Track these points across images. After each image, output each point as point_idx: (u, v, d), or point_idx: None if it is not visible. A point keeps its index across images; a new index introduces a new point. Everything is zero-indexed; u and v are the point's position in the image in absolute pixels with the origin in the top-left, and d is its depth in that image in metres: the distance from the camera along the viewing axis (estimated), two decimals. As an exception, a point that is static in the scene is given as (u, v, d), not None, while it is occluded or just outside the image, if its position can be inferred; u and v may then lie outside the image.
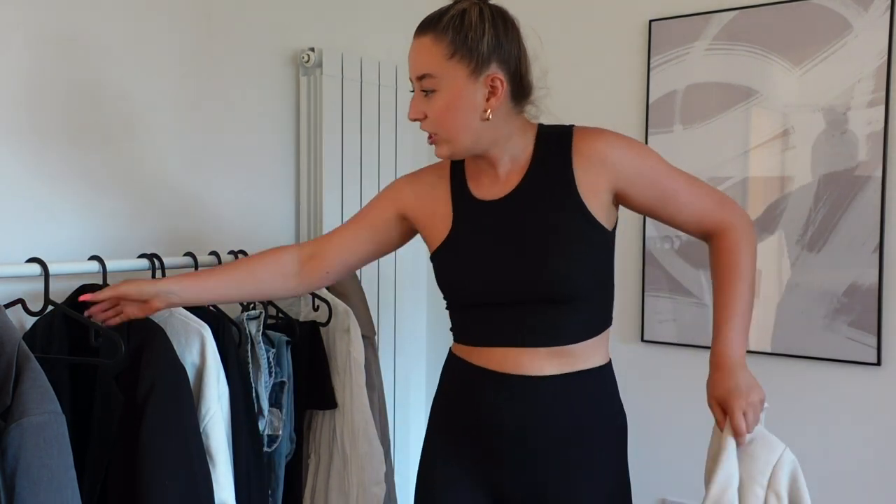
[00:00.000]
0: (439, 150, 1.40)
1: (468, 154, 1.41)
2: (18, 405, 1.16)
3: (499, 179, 1.43)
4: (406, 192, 1.54)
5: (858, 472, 2.04)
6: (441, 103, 1.35)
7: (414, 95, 1.40)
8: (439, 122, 1.36)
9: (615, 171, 1.38)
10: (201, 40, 1.95)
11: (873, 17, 1.97)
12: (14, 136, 1.59)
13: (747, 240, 1.40)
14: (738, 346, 1.41)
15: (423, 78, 1.36)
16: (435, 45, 1.34)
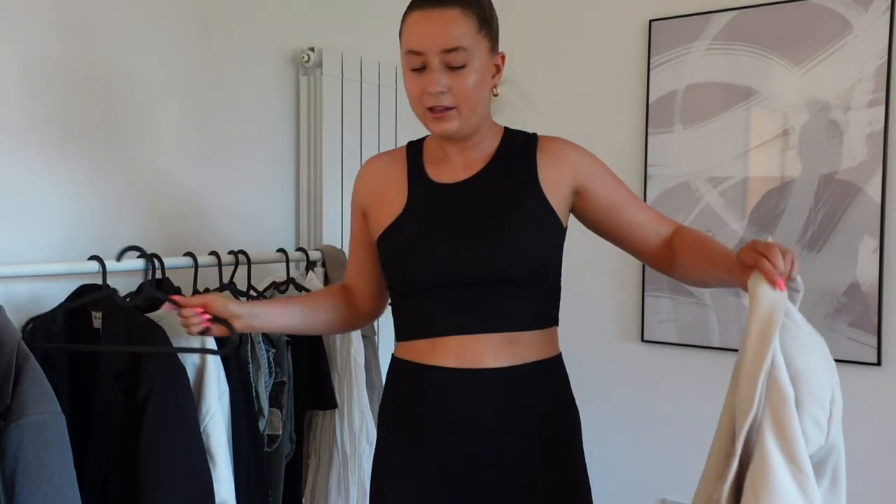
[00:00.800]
0: (449, 124, 1.37)
1: (471, 130, 1.41)
2: (18, 405, 1.16)
3: (462, 165, 1.45)
4: (360, 189, 1.54)
5: (858, 472, 2.04)
6: (471, 77, 1.34)
7: (430, 69, 1.34)
8: (465, 96, 1.35)
9: (578, 169, 1.43)
10: (201, 40, 1.95)
11: (873, 17, 1.97)
12: (13, 136, 1.59)
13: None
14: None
15: (454, 51, 1.32)
16: (465, 18, 1.33)
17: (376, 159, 1.57)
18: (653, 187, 2.28)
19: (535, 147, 1.45)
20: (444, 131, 1.38)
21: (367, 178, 1.53)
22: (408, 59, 1.36)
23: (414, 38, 1.34)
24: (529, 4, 2.52)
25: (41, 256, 1.62)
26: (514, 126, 1.51)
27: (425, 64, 1.34)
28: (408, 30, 1.36)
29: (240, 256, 1.81)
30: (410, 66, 1.36)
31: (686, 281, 1.48)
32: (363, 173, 1.55)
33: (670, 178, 2.25)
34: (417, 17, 1.34)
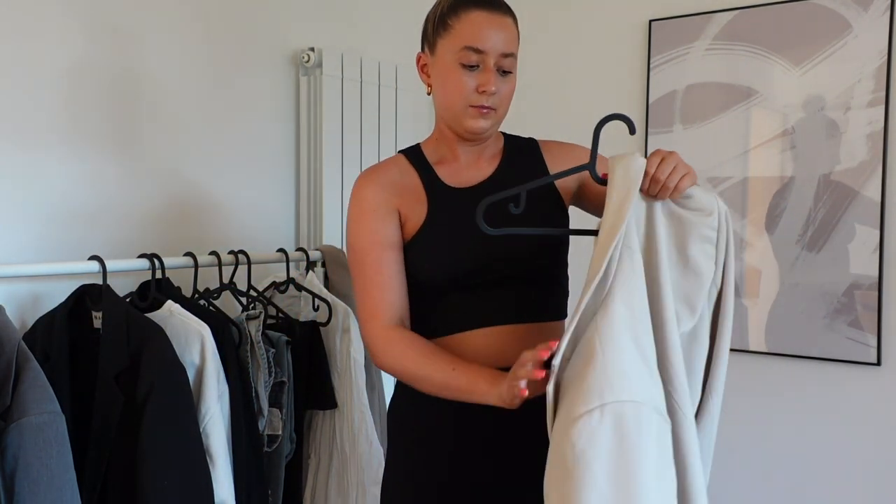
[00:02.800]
0: (484, 122, 1.40)
1: (491, 133, 1.47)
2: (18, 405, 1.16)
3: (472, 166, 1.47)
4: (386, 194, 1.45)
5: (858, 471, 2.04)
6: (513, 84, 1.42)
7: (488, 69, 1.36)
8: (505, 101, 1.42)
9: (580, 161, 1.41)
10: (201, 40, 1.95)
11: (873, 17, 1.97)
12: (11, 135, 1.59)
13: None
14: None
15: (509, 56, 1.39)
16: (515, 28, 1.42)
17: (385, 168, 1.50)
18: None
19: (539, 148, 1.51)
20: (480, 127, 1.41)
21: (388, 181, 1.46)
22: (463, 54, 1.36)
23: (477, 36, 1.36)
24: (530, 4, 2.52)
25: (41, 256, 1.62)
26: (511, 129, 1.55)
27: (481, 63, 1.37)
28: (469, 26, 1.37)
29: (240, 256, 1.81)
30: (465, 62, 1.37)
31: None
32: (380, 177, 1.47)
33: (670, 178, 2.25)
34: (482, 16, 1.37)
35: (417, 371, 1.35)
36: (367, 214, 1.43)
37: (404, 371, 1.37)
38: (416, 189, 1.45)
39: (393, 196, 1.44)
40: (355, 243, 1.44)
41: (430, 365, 1.34)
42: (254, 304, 1.82)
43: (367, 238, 1.43)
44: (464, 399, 1.30)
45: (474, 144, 1.47)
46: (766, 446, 2.15)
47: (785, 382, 2.12)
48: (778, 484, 2.14)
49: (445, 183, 1.46)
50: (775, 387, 2.14)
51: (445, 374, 1.32)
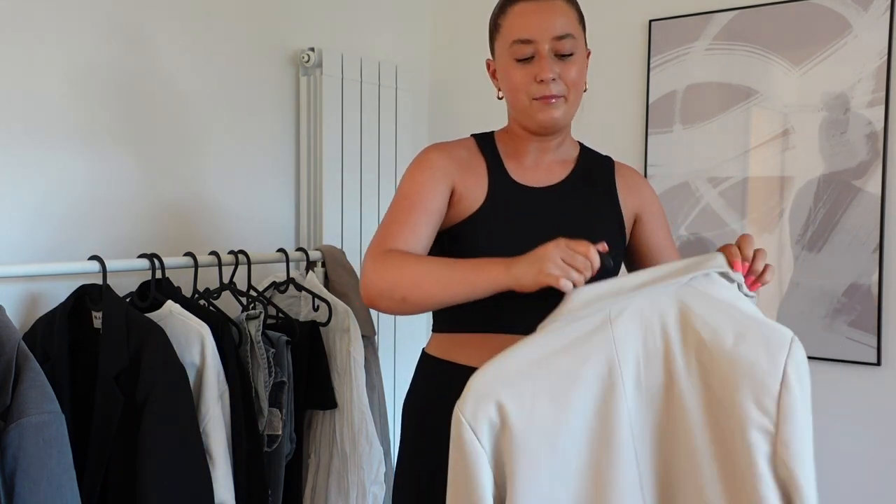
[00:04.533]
0: (555, 111, 1.35)
1: (566, 124, 1.42)
2: (18, 405, 1.16)
3: (542, 166, 1.44)
4: (450, 165, 1.42)
5: (858, 472, 2.04)
6: (576, 66, 1.37)
7: (542, 56, 1.33)
8: (574, 85, 1.37)
9: (645, 202, 1.50)
10: (201, 40, 1.95)
11: (873, 17, 1.97)
12: (12, 135, 1.59)
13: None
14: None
15: (565, 38, 1.34)
16: (570, 9, 1.38)
17: (452, 147, 1.46)
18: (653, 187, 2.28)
19: (613, 169, 1.51)
20: (551, 118, 1.36)
21: (455, 157, 1.43)
22: (515, 49, 1.35)
23: (523, 27, 1.34)
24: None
25: (41, 257, 1.62)
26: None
27: (534, 53, 1.34)
28: (514, 19, 1.36)
29: (240, 256, 1.81)
30: (518, 56, 1.35)
31: None
32: (449, 149, 1.44)
33: (670, 178, 2.25)
34: (524, 7, 1.36)
35: (418, 267, 1.27)
36: (424, 171, 1.41)
37: (402, 274, 1.27)
38: (479, 173, 1.42)
39: (455, 170, 1.41)
40: (400, 188, 1.41)
41: (430, 261, 1.29)
42: (254, 304, 1.83)
43: (411, 187, 1.39)
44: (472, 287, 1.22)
45: (546, 140, 1.42)
46: (766, 446, 2.15)
47: (785, 382, 2.12)
48: (778, 484, 2.14)
49: (511, 176, 1.43)
50: (775, 387, 2.14)
51: (448, 264, 1.27)
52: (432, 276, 1.26)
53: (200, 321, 1.56)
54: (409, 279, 1.26)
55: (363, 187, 2.32)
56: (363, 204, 2.33)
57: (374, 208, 2.37)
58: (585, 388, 1.06)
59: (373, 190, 2.36)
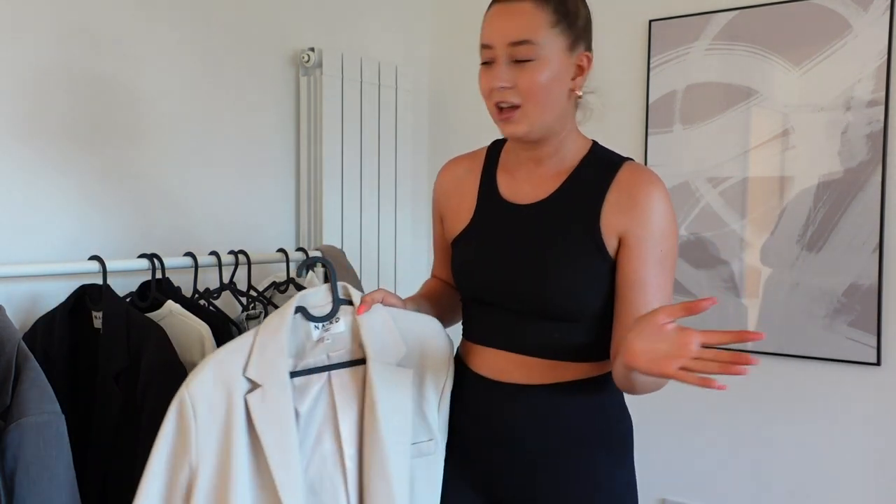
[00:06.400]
0: (515, 127, 1.30)
1: (540, 134, 1.32)
2: (18, 405, 1.16)
3: (533, 179, 1.38)
4: (436, 195, 1.53)
5: (858, 472, 2.04)
6: (538, 74, 1.27)
7: (497, 63, 1.28)
8: (531, 94, 1.27)
9: (632, 222, 1.29)
10: (201, 40, 1.95)
11: (873, 17, 1.97)
12: (13, 134, 1.59)
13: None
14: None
15: (521, 44, 1.26)
16: (538, 11, 1.27)
17: (455, 164, 1.51)
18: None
19: (613, 177, 1.32)
20: (513, 134, 1.31)
21: (444, 185, 1.51)
22: (482, 53, 1.31)
23: (485, 31, 1.30)
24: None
25: (41, 257, 1.62)
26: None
27: (494, 58, 1.29)
28: (484, 23, 1.32)
29: (240, 256, 1.81)
30: (483, 60, 1.31)
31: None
32: (440, 178, 1.52)
33: (670, 178, 2.25)
34: (493, 10, 1.31)
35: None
36: (432, 208, 1.57)
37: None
38: (470, 191, 1.45)
39: (442, 197, 1.52)
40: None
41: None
42: (254, 304, 1.82)
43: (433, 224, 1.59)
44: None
45: (534, 150, 1.36)
46: (765, 446, 2.15)
47: (785, 382, 2.12)
48: (778, 484, 2.14)
49: (500, 192, 1.41)
50: (775, 387, 2.14)
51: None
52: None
53: (200, 321, 1.56)
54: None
55: (363, 187, 2.32)
56: (363, 204, 2.33)
57: (374, 208, 2.37)
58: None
59: (373, 190, 2.36)
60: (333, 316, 1.33)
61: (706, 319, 2.20)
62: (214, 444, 1.22)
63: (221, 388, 1.23)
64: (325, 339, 1.32)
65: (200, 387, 1.22)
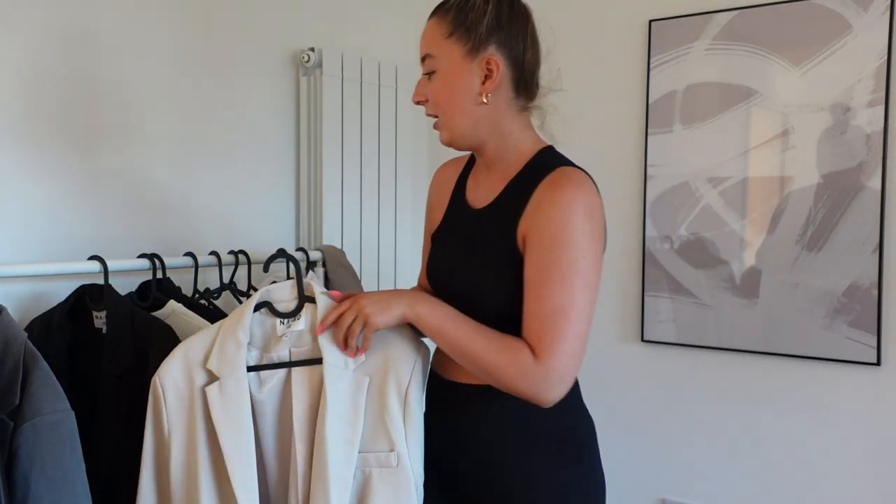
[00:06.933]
0: (440, 135, 1.38)
1: (467, 142, 1.37)
2: (30, 405, 1.16)
3: (487, 183, 1.40)
4: (428, 195, 1.59)
5: (858, 472, 2.04)
6: (439, 84, 1.34)
7: (420, 78, 1.39)
8: (438, 104, 1.35)
9: (534, 224, 1.28)
10: (201, 40, 1.95)
11: (873, 17, 1.97)
12: (12, 134, 1.59)
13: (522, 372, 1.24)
14: (430, 310, 1.30)
15: (425, 59, 1.35)
16: (437, 26, 1.34)
17: (446, 166, 1.57)
18: (653, 187, 2.28)
19: (540, 182, 1.30)
20: (441, 142, 1.39)
21: (433, 186, 1.57)
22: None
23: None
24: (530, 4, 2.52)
25: (41, 256, 1.61)
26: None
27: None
28: None
29: (240, 256, 1.81)
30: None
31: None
32: (433, 179, 1.58)
33: (670, 178, 2.25)
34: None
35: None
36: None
37: None
38: (447, 194, 1.50)
39: (430, 199, 1.57)
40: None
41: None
42: (255, 304, 1.82)
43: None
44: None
45: (481, 156, 1.41)
46: (765, 446, 2.15)
47: (785, 382, 2.12)
48: (777, 484, 2.14)
49: (465, 196, 1.45)
50: (775, 387, 2.14)
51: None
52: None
53: (203, 319, 1.56)
54: None
55: (363, 187, 2.32)
56: (363, 204, 2.32)
57: (374, 208, 2.37)
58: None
59: (373, 190, 2.35)
60: (296, 314, 1.35)
61: (707, 318, 2.21)
62: (182, 428, 1.30)
63: (186, 376, 1.31)
64: (287, 336, 1.34)
65: (169, 373, 1.31)
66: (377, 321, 1.28)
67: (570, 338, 1.23)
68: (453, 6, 1.33)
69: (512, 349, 1.25)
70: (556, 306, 1.23)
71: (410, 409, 1.32)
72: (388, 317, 1.28)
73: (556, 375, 1.23)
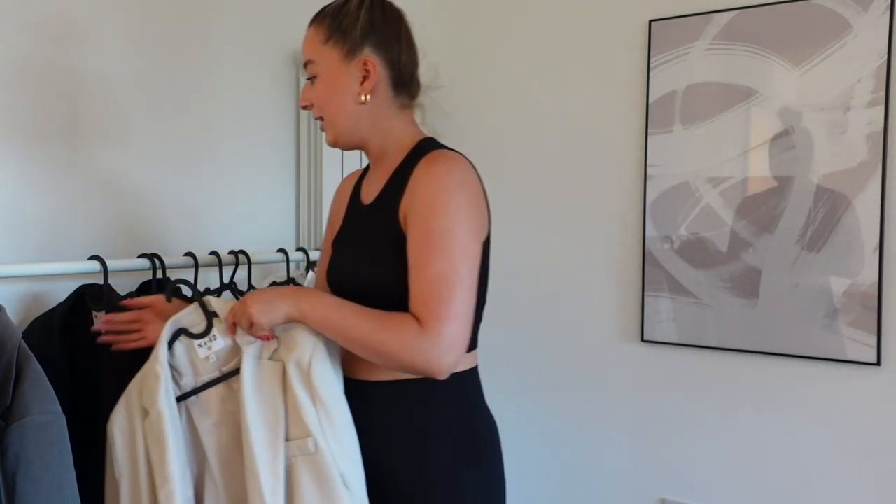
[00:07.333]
0: (326, 136, 1.45)
1: (350, 140, 1.43)
2: (20, 405, 1.16)
3: (375, 179, 1.47)
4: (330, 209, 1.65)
5: (858, 472, 2.04)
6: (320, 87, 1.40)
7: (304, 84, 1.45)
8: (321, 106, 1.41)
9: (411, 201, 1.32)
10: (202, 40, 1.95)
11: (873, 17, 1.97)
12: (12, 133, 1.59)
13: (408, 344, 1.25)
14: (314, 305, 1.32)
15: (307, 65, 1.42)
16: (314, 33, 1.41)
17: (344, 181, 1.63)
18: (653, 187, 2.28)
19: (415, 168, 1.35)
20: (327, 143, 1.46)
21: (335, 199, 1.63)
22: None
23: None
24: (530, 4, 2.52)
25: (41, 256, 1.61)
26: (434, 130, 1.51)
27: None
28: None
29: (240, 256, 1.81)
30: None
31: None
32: (335, 194, 1.64)
33: (670, 178, 2.25)
34: None
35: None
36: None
37: None
38: (344, 203, 1.57)
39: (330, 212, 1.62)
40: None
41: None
42: (254, 304, 1.82)
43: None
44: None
45: (370, 156, 1.48)
46: (765, 446, 2.15)
47: (785, 382, 2.12)
48: (777, 484, 2.14)
49: (359, 193, 1.52)
50: (775, 387, 2.14)
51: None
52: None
53: (203, 319, 1.56)
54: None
55: (363, 187, 2.32)
56: (363, 204, 2.32)
57: (374, 208, 2.36)
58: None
59: (373, 190, 2.35)
60: (209, 333, 1.38)
61: (707, 318, 2.21)
62: (128, 471, 1.37)
63: (128, 416, 1.38)
64: (211, 358, 1.37)
65: (115, 417, 1.39)
66: (261, 321, 1.30)
67: (454, 303, 1.24)
68: (328, 13, 1.40)
69: (397, 323, 1.26)
70: (437, 273, 1.25)
71: (318, 392, 1.30)
72: (271, 317, 1.31)
73: (443, 341, 1.23)
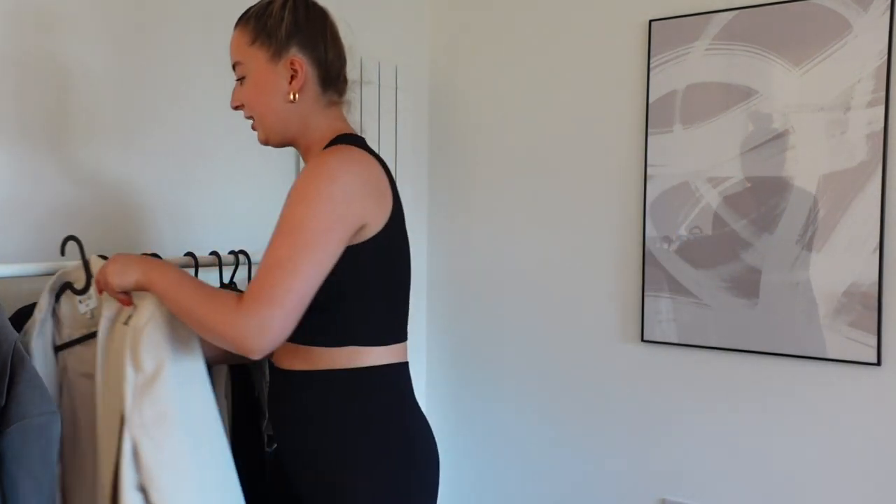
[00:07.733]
0: (258, 135, 1.45)
1: (280, 138, 1.44)
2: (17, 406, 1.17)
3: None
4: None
5: (858, 472, 2.04)
6: (249, 88, 1.41)
7: (235, 86, 1.46)
8: (251, 107, 1.42)
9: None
10: (202, 41, 1.95)
11: (873, 17, 1.97)
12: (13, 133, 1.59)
13: (224, 318, 1.25)
14: (162, 275, 1.32)
15: (235, 66, 1.43)
16: (240, 35, 1.43)
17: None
18: (653, 187, 2.28)
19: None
20: (259, 142, 1.46)
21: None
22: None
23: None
24: (530, 4, 2.52)
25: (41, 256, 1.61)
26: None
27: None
28: None
29: (240, 256, 1.81)
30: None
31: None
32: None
33: (670, 178, 2.25)
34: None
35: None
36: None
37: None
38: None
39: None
40: None
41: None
42: (254, 304, 1.82)
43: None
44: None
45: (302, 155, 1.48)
46: (765, 446, 2.15)
47: (785, 382, 2.12)
48: (777, 484, 2.14)
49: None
50: (775, 387, 2.14)
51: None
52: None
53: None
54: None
55: (363, 187, 2.32)
56: (363, 204, 2.32)
57: (374, 208, 2.37)
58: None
59: (373, 190, 2.35)
60: (86, 291, 1.41)
61: (707, 318, 2.20)
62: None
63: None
64: (87, 315, 1.42)
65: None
66: (112, 282, 1.33)
67: (280, 290, 1.22)
68: (252, 15, 1.42)
69: (220, 298, 1.27)
70: (276, 258, 1.25)
71: (140, 358, 1.28)
72: (121, 279, 1.33)
73: (254, 323, 1.22)
